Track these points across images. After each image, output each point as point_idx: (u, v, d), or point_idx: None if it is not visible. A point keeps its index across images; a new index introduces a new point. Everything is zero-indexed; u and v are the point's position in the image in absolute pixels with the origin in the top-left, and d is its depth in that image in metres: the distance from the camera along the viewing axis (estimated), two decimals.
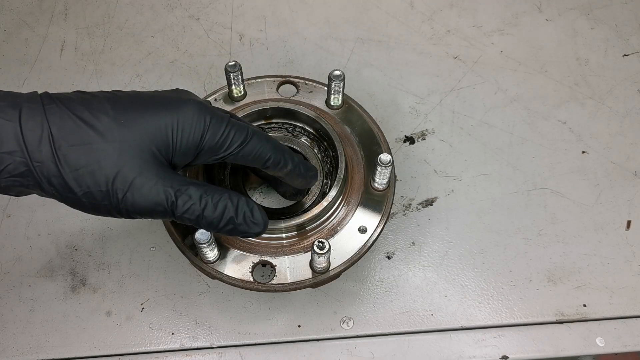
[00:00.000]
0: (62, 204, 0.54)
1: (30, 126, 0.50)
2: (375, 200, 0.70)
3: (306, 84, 0.79)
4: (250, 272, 0.66)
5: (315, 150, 0.75)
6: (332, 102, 0.77)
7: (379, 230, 0.69)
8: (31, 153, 0.50)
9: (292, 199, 0.75)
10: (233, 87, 0.76)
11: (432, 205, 0.80)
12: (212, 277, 0.67)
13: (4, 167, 0.50)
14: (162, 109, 0.55)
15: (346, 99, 0.77)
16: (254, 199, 0.74)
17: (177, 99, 0.56)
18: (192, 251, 0.67)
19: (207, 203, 0.55)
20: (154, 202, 0.53)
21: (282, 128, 0.75)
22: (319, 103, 0.77)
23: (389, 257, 0.77)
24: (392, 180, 0.71)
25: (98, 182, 0.52)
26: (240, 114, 0.71)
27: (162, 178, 0.54)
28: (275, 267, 0.67)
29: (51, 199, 0.54)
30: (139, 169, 0.53)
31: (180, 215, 0.55)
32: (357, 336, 0.73)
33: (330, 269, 0.66)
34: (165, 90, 0.59)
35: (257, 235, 0.59)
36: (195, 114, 0.55)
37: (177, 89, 0.60)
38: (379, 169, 0.68)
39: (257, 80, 0.79)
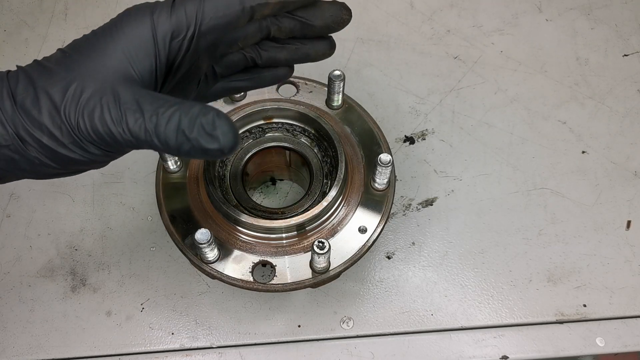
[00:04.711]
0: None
1: None
2: (375, 200, 0.70)
3: (306, 84, 0.79)
4: (250, 272, 0.66)
5: (315, 150, 0.75)
6: (332, 102, 0.76)
7: (379, 230, 0.69)
8: None
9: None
10: None
11: (432, 205, 0.80)
12: (212, 277, 0.67)
13: None
14: (110, 47, 0.53)
15: (346, 99, 0.77)
16: (254, 200, 0.74)
17: (120, 29, 0.54)
18: (192, 251, 0.67)
19: (157, 117, 0.48)
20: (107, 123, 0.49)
21: (282, 128, 0.75)
22: (319, 103, 0.77)
23: (389, 257, 0.77)
24: (392, 180, 0.71)
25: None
26: (240, 114, 0.71)
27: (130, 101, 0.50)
28: (275, 267, 0.67)
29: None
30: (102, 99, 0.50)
31: (135, 136, 0.49)
32: (357, 336, 0.73)
33: (330, 269, 0.66)
34: (113, 20, 0.56)
35: (220, 153, 0.47)
36: (139, 37, 0.53)
37: (128, 11, 0.56)
38: (379, 169, 0.68)
39: None
